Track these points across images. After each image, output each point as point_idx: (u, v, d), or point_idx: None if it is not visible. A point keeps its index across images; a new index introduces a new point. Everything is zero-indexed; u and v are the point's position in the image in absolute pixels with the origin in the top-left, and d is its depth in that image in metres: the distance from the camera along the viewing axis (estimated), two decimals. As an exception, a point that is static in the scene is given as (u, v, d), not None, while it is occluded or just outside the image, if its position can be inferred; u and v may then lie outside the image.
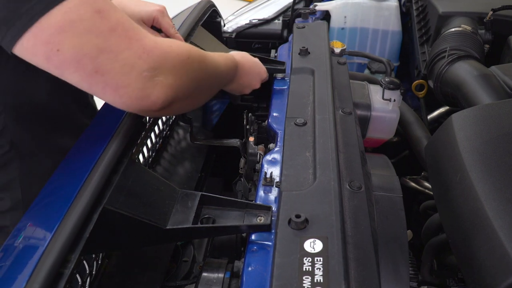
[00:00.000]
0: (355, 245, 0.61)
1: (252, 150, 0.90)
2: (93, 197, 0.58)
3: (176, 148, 1.26)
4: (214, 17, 1.40)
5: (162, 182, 0.69)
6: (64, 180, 0.66)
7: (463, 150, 0.73)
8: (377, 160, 1.02)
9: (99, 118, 0.82)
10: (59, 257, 0.51)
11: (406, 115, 1.26)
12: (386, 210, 0.83)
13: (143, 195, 0.65)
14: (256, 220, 0.63)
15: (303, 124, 0.82)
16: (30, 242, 0.56)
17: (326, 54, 1.08)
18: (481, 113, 0.80)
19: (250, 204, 0.66)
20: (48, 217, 0.58)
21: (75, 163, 0.69)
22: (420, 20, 1.55)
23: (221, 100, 1.51)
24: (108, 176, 0.62)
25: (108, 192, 0.60)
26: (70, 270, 0.51)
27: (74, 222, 0.54)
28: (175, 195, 0.68)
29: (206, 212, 0.66)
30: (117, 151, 0.66)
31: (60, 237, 0.52)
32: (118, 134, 0.69)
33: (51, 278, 0.49)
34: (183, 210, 0.65)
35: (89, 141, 0.74)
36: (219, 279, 0.62)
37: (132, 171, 0.66)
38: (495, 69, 1.03)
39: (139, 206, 0.62)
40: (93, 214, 0.57)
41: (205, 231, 0.66)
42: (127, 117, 0.73)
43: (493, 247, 0.59)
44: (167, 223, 0.63)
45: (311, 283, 0.49)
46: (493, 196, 0.64)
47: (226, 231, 0.66)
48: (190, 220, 0.63)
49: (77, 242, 0.54)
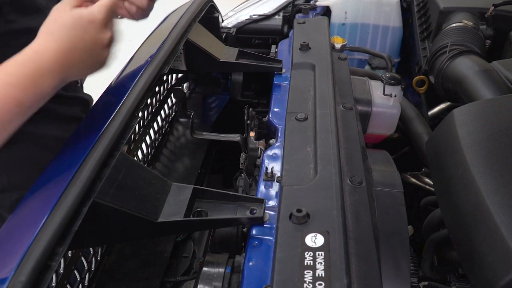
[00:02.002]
0: (356, 240, 0.60)
1: (253, 145, 0.90)
2: (82, 190, 0.57)
3: (176, 144, 1.26)
4: (212, 12, 1.39)
5: (154, 176, 0.69)
6: (55, 174, 0.66)
7: (464, 145, 0.73)
8: (378, 156, 1.02)
9: (93, 112, 0.82)
10: (47, 249, 0.50)
11: (406, 111, 1.25)
12: (387, 205, 0.83)
13: (134, 188, 0.65)
14: (249, 213, 0.63)
15: (304, 119, 0.82)
16: (18, 234, 0.56)
17: (327, 49, 1.07)
18: (483, 108, 0.80)
19: (243, 197, 0.66)
20: (37, 210, 0.57)
21: (66, 157, 0.68)
22: (421, 16, 1.55)
23: (220, 96, 1.50)
24: (99, 169, 0.61)
25: (98, 186, 0.60)
26: (58, 262, 0.51)
27: (63, 215, 0.53)
28: (167, 188, 0.67)
29: (198, 206, 0.66)
30: (108, 145, 0.65)
31: (48, 229, 0.51)
32: (109, 128, 0.68)
33: (38, 270, 0.49)
34: (175, 203, 0.65)
35: (81, 134, 0.73)
36: (220, 274, 0.61)
37: (123, 164, 0.65)
38: (496, 64, 1.03)
39: (130, 200, 0.62)
40: (83, 207, 0.56)
41: (197, 224, 0.66)
42: (119, 111, 0.73)
43: (495, 242, 0.59)
44: (158, 216, 0.62)
45: (313, 277, 0.49)
46: (494, 191, 0.64)
47: (218, 224, 0.66)
48: (182, 213, 0.63)
49: (66, 235, 0.53)
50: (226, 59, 1.08)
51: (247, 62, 1.11)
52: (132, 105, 0.74)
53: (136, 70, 0.90)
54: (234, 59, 1.09)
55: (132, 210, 0.60)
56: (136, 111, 0.75)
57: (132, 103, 0.75)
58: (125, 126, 0.71)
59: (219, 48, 1.13)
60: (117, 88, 0.88)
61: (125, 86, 0.81)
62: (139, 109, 0.76)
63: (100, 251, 0.82)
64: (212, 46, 1.10)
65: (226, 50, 1.12)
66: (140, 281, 0.83)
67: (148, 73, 0.84)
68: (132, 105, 0.74)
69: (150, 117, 1.09)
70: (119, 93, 0.79)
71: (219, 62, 1.07)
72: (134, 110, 0.74)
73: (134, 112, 0.74)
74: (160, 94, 1.14)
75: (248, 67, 1.10)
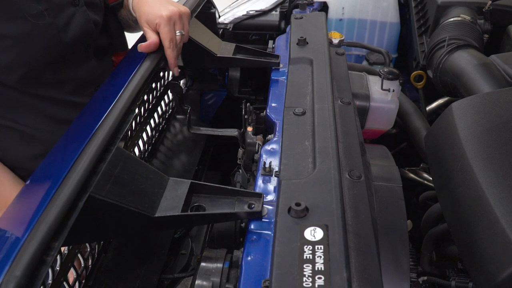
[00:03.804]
0: (355, 234, 0.60)
1: (251, 140, 0.89)
2: (78, 185, 0.56)
3: (173, 141, 1.25)
4: (208, 8, 1.38)
5: (151, 171, 0.68)
6: (50, 168, 0.65)
7: (463, 139, 0.72)
8: (377, 151, 1.01)
9: (89, 107, 0.81)
10: (42, 244, 0.49)
11: (404, 106, 1.25)
12: (385, 200, 0.83)
13: (131, 183, 0.64)
14: (247, 208, 0.62)
15: (302, 113, 0.81)
16: (13, 229, 0.55)
17: (324, 44, 1.06)
18: (482, 102, 0.80)
19: (241, 191, 0.65)
20: (32, 204, 0.56)
21: (62, 152, 0.68)
22: (419, 11, 1.54)
23: (218, 93, 1.49)
24: (94, 164, 0.61)
25: (94, 180, 0.59)
26: (53, 257, 0.50)
27: (58, 210, 0.53)
28: (164, 183, 0.66)
29: (196, 200, 0.65)
30: (104, 139, 0.65)
31: (44, 224, 0.51)
32: (105, 122, 0.68)
33: (33, 265, 0.48)
34: (172, 198, 0.64)
35: (77, 129, 0.72)
36: (218, 269, 0.61)
37: (119, 159, 0.65)
38: (495, 58, 1.02)
39: (127, 194, 0.61)
40: (78, 202, 0.56)
41: (195, 219, 0.65)
42: (115, 105, 0.72)
43: (495, 235, 0.58)
44: (155, 211, 0.62)
45: (312, 271, 0.49)
46: (494, 183, 0.63)
47: (216, 218, 0.65)
48: (180, 207, 0.62)
49: (61, 229, 0.52)
50: (223, 54, 1.08)
51: (244, 57, 1.10)
52: (128, 99, 0.73)
53: (132, 64, 0.89)
54: (231, 54, 1.09)
55: (128, 204, 0.60)
56: (133, 106, 0.74)
57: (129, 97, 0.74)
58: (121, 120, 0.70)
59: (216, 43, 1.12)
60: (113, 83, 0.87)
61: (121, 81, 0.80)
62: (135, 103, 0.75)
63: (97, 248, 0.81)
64: (209, 42, 1.09)
65: (223, 46, 1.12)
66: (138, 278, 0.82)
67: (145, 67, 0.84)
68: (128, 99, 0.73)
69: (147, 114, 1.08)
70: (115, 87, 0.79)
71: (216, 57, 1.06)
72: (131, 104, 0.73)
73: (130, 107, 0.73)
74: (157, 90, 1.13)
75: (246, 62, 1.10)
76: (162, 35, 0.92)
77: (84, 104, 0.84)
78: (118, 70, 0.93)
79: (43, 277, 0.48)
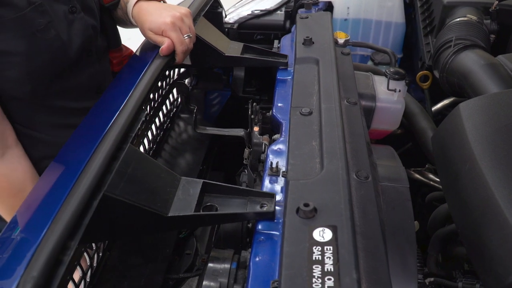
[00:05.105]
0: (363, 235, 0.59)
1: (257, 140, 0.89)
2: (92, 184, 0.56)
3: (177, 140, 1.25)
4: (215, 7, 1.38)
5: (164, 170, 0.68)
6: (63, 168, 0.65)
7: (471, 139, 0.72)
8: (383, 151, 1.01)
9: (100, 105, 0.81)
10: (59, 243, 0.49)
11: (410, 106, 1.24)
12: (393, 200, 0.82)
13: (144, 182, 0.64)
14: (259, 208, 0.62)
15: (308, 113, 0.80)
16: (29, 229, 0.55)
17: (330, 43, 1.06)
18: (489, 102, 0.79)
19: (253, 191, 0.65)
20: (48, 204, 0.56)
21: (74, 150, 0.67)
22: (424, 11, 1.53)
23: (222, 92, 1.49)
24: (108, 162, 0.61)
25: (108, 179, 0.59)
26: (70, 257, 0.49)
27: (74, 209, 0.52)
28: (177, 182, 0.66)
29: (208, 200, 0.65)
30: (117, 138, 0.64)
31: (60, 223, 0.51)
32: (117, 121, 0.67)
33: (51, 265, 0.48)
34: (185, 197, 0.64)
35: (88, 129, 0.72)
36: (226, 270, 0.60)
37: (132, 157, 0.64)
38: (502, 58, 1.01)
39: (140, 193, 0.61)
40: (93, 201, 0.56)
41: (207, 219, 0.65)
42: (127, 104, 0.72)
43: (505, 236, 0.58)
44: (168, 211, 0.61)
45: (322, 272, 0.48)
46: (503, 184, 0.63)
47: (229, 218, 0.65)
48: (192, 207, 0.62)
49: (77, 229, 0.52)
50: (231, 53, 1.07)
51: (252, 56, 1.09)
52: (139, 97, 0.73)
53: (142, 63, 0.89)
54: (240, 54, 1.08)
55: (142, 204, 0.59)
56: (144, 104, 0.74)
57: (140, 95, 0.74)
58: (133, 119, 0.70)
59: (224, 42, 1.11)
60: (122, 83, 0.87)
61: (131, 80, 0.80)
62: (146, 102, 0.75)
63: (102, 246, 0.81)
64: (217, 41, 1.08)
65: (231, 45, 1.11)
66: (142, 277, 0.82)
67: (155, 65, 0.83)
68: (139, 97, 0.73)
69: (152, 112, 1.08)
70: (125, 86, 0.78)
71: (224, 56, 1.06)
72: (142, 102, 0.73)
73: (142, 105, 0.73)
74: (163, 89, 1.13)
75: (254, 61, 1.09)
76: (172, 40, 0.93)
77: (86, 108, 0.84)
78: (126, 69, 0.93)
79: (60, 277, 0.48)
